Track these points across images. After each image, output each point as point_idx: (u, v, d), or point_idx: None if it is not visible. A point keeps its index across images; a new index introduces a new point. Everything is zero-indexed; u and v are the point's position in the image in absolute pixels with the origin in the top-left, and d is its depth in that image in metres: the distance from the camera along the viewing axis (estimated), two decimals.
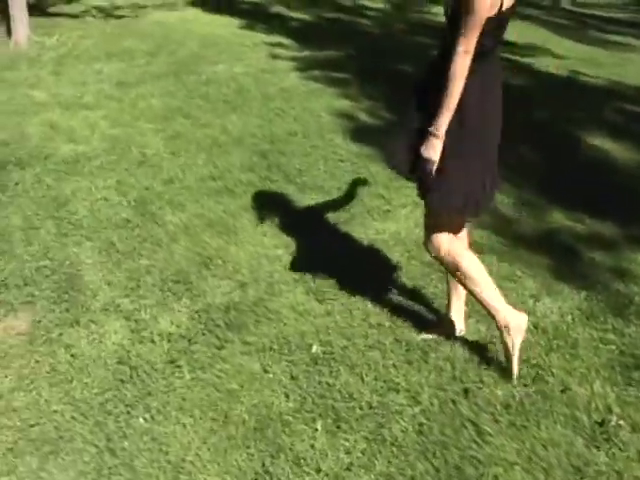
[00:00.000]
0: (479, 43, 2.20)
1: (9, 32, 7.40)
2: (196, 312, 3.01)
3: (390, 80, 6.84)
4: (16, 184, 4.14)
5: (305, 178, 4.43)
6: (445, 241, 2.55)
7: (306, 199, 4.17)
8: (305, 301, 3.12)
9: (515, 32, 10.63)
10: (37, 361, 2.64)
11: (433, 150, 2.33)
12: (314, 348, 2.81)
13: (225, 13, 9.57)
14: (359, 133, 5.33)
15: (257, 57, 7.39)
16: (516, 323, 2.59)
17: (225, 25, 8.96)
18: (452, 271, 2.60)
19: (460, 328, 2.90)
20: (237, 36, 8.33)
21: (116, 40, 7.76)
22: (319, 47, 7.98)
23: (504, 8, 2.22)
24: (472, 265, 2.56)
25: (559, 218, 4.10)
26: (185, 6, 9.87)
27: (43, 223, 3.68)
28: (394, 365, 2.74)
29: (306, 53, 7.71)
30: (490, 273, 3.42)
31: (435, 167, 2.36)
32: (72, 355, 2.69)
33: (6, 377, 2.55)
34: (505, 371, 2.67)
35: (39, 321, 2.90)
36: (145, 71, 6.64)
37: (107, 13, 9.04)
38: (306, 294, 3.18)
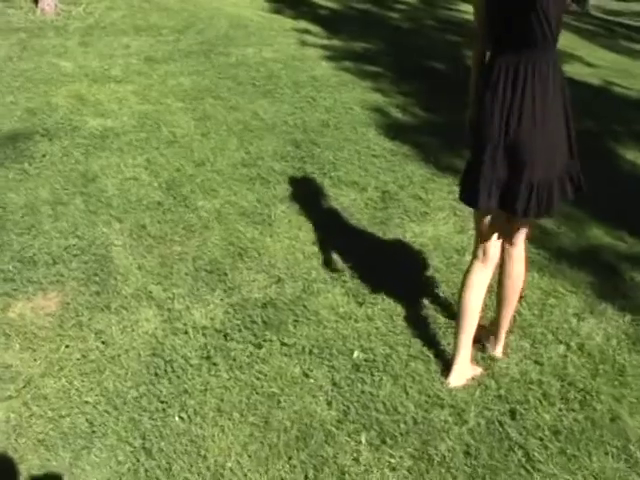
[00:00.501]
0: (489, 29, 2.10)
1: None
2: (231, 306, 2.87)
3: (422, 77, 6.69)
4: (43, 156, 3.99)
5: (340, 172, 4.28)
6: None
7: (341, 194, 4.03)
8: (344, 303, 2.99)
9: None
10: (67, 346, 2.51)
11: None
12: (355, 354, 2.68)
13: None
14: (393, 129, 5.17)
15: (286, 43, 7.20)
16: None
17: (252, 7, 8.76)
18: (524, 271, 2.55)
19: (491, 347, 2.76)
20: (265, 20, 8.14)
21: (143, 14, 7.57)
22: (349, 38, 7.80)
23: None
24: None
25: (599, 234, 3.98)
26: None
27: (71, 199, 3.53)
28: (438, 379, 2.61)
29: (336, 43, 7.53)
30: (531, 286, 3.34)
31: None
32: (103, 342, 2.55)
33: (35, 361, 2.41)
34: (549, 394, 2.55)
35: (68, 303, 2.77)
36: (174, 48, 6.46)
37: None
38: (345, 295, 3.05)
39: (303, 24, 8.17)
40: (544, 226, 3.98)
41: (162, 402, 2.27)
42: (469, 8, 11.64)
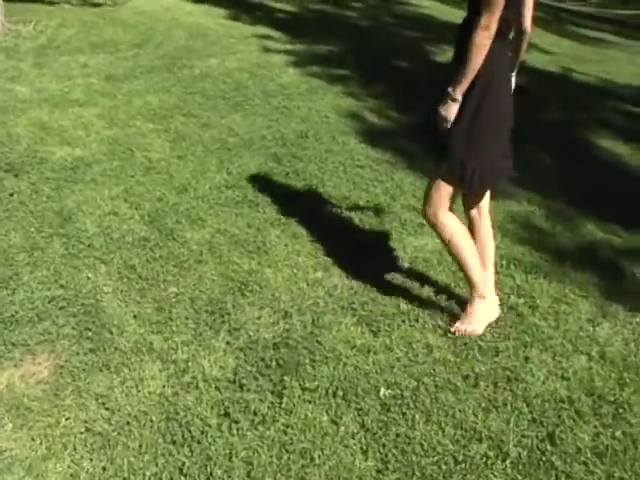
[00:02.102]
0: (502, 21, 2.26)
1: None
2: (240, 350, 2.65)
3: (390, 77, 6.56)
4: (11, 195, 3.69)
5: (328, 187, 4.09)
6: (441, 211, 2.60)
7: (334, 211, 3.83)
8: (359, 334, 2.80)
9: None
10: (67, 418, 2.25)
11: (450, 110, 2.41)
12: (382, 391, 2.49)
13: (206, 2, 9.09)
14: (372, 136, 5.01)
15: (249, 50, 6.97)
16: (490, 307, 2.84)
17: (208, 15, 8.49)
18: (444, 240, 2.69)
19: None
20: (224, 27, 7.88)
21: (98, 30, 7.24)
22: (311, 41, 7.61)
23: None
24: (461, 238, 2.66)
25: (593, 230, 3.91)
26: None
27: (49, 243, 3.25)
28: (470, 409, 2.44)
29: (299, 47, 7.33)
30: (542, 294, 3.21)
31: (449, 127, 2.44)
32: (108, 409, 2.30)
33: (33, 441, 2.15)
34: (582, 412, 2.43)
35: (61, 366, 2.51)
36: (134, 64, 6.17)
37: (84, 0, 8.46)
38: (358, 325, 2.86)
39: (262, 30, 7.95)
40: (539, 226, 3.87)
41: (186, 475, 2.04)
42: (422, 2, 11.58)
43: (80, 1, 8.36)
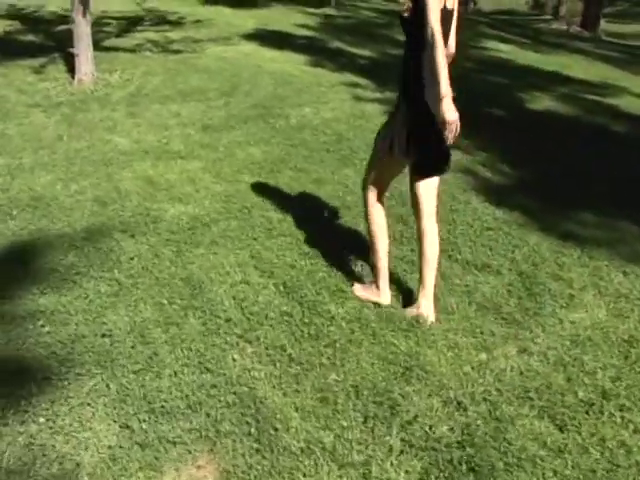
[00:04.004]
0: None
1: (71, 69, 6.76)
2: (422, 449, 2.32)
3: (490, 127, 6.26)
4: (131, 259, 3.44)
5: (465, 254, 3.77)
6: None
7: (478, 281, 3.50)
8: (545, 429, 2.48)
9: (580, 68, 10.19)
10: None
11: (454, 109, 2.59)
12: None
13: (285, 48, 8.98)
14: (492, 193, 4.68)
15: (340, 99, 6.76)
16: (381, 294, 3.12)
17: (290, 61, 8.36)
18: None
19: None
20: (309, 74, 7.71)
21: (183, 77, 7.13)
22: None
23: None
24: None
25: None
26: (240, 40, 9.27)
27: (183, 316, 2.97)
28: None
29: (388, 95, 7.07)
30: None
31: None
32: None
33: None
34: None
35: (227, 470, 2.18)
36: (227, 114, 6.00)
37: (163, 47, 8.42)
38: (540, 418, 2.52)
39: (349, 77, 7.77)
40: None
41: None
42: (499, 46, 11.34)
43: (161, 49, 8.31)
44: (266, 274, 3.34)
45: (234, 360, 2.72)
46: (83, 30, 6.69)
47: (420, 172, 2.90)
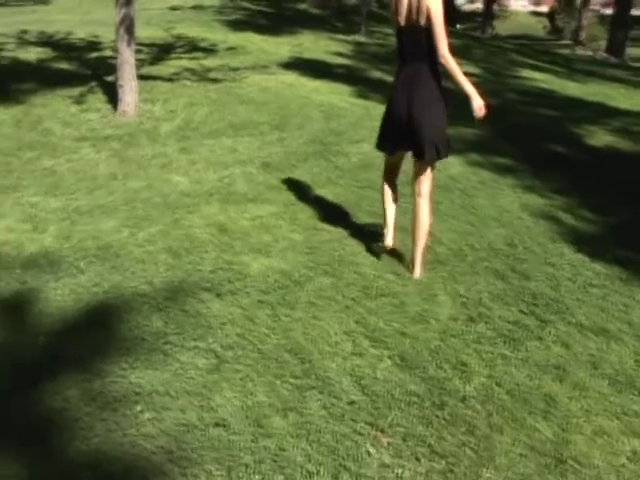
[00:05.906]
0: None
1: (112, 99, 6.46)
2: None
3: (556, 166, 5.99)
4: (223, 324, 3.10)
5: (580, 317, 3.45)
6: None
7: (602, 350, 3.15)
8: None
9: (623, 98, 9.91)
10: None
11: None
12: None
13: (326, 78, 8.70)
14: (582, 243, 4.37)
15: None
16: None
17: (335, 92, 8.07)
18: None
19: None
20: (358, 107, 7.42)
21: (229, 109, 6.82)
22: (452, 122, 7.06)
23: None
24: None
25: None
26: (279, 68, 9.00)
27: (301, 399, 2.62)
28: None
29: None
30: None
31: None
32: None
33: None
34: None
35: None
36: (285, 151, 5.69)
37: (201, 76, 8.13)
38: None
39: None
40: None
41: None
42: (534, 75, 11.09)
43: (199, 77, 8.02)
44: (378, 344, 3.00)
45: (369, 455, 2.37)
46: (127, 60, 6.40)
47: (419, 156, 3.50)
